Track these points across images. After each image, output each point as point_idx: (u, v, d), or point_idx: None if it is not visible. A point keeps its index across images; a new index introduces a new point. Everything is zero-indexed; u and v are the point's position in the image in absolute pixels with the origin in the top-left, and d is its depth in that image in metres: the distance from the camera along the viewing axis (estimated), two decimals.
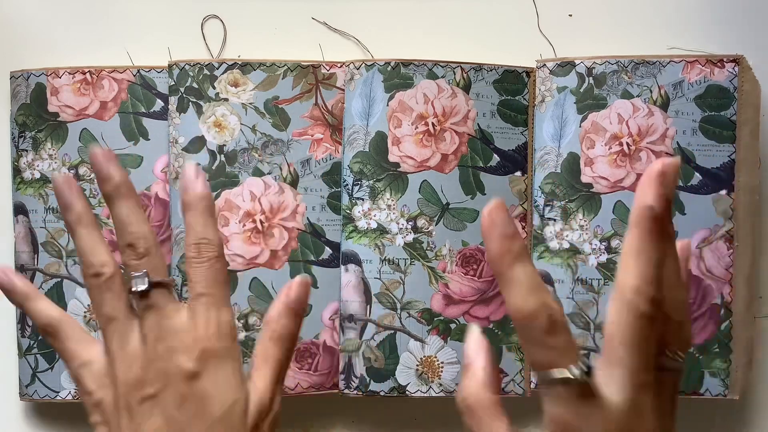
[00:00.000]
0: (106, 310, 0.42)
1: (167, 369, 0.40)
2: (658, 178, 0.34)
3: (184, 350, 0.40)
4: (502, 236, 0.34)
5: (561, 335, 0.33)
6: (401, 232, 0.62)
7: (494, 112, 0.64)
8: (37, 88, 0.64)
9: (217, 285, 0.42)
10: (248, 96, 0.63)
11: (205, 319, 0.41)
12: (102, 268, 0.42)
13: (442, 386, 0.63)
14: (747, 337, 0.62)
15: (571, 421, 0.33)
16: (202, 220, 0.42)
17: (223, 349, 0.41)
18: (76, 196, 0.43)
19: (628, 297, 0.34)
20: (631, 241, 0.34)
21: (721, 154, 0.62)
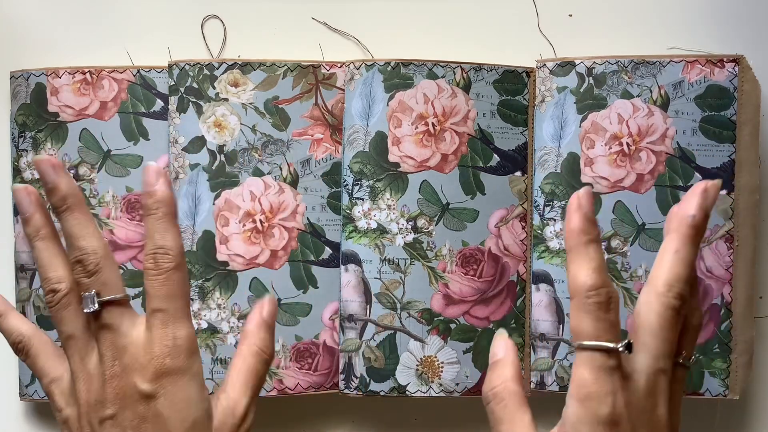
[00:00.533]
0: (64, 328, 0.41)
1: (124, 390, 0.39)
2: (702, 194, 0.38)
3: (140, 370, 0.39)
4: (585, 217, 0.37)
5: (613, 313, 0.36)
6: (401, 232, 0.62)
7: (494, 112, 0.64)
8: (37, 88, 0.64)
9: (173, 299, 0.40)
10: (248, 96, 0.63)
11: (160, 337, 0.40)
12: (58, 285, 0.41)
13: (442, 386, 0.63)
14: (747, 337, 0.62)
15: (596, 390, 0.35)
16: (161, 226, 0.40)
17: (180, 366, 0.40)
18: (35, 207, 0.42)
19: (660, 290, 0.37)
20: (670, 242, 0.38)
21: (721, 154, 0.62)
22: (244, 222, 0.63)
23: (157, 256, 0.40)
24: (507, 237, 0.64)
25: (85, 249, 0.40)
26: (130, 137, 0.64)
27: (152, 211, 0.40)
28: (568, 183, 0.62)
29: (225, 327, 0.63)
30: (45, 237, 0.42)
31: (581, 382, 0.36)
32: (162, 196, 0.40)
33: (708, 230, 0.62)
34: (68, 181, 0.41)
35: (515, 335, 0.64)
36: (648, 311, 0.37)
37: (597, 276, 0.36)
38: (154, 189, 0.40)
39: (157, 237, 0.40)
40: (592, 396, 0.35)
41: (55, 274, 0.41)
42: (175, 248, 0.40)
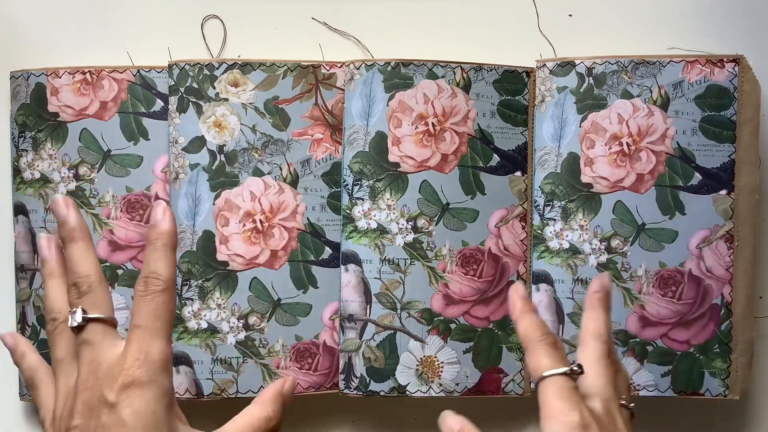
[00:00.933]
0: (56, 354, 0.45)
1: (92, 400, 0.41)
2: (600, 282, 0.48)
3: (109, 382, 0.41)
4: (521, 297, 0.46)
5: (561, 350, 0.44)
6: (401, 232, 0.62)
7: (494, 112, 0.64)
8: (37, 88, 0.64)
9: (155, 318, 0.42)
10: (248, 96, 0.63)
11: (133, 350, 0.41)
12: (57, 314, 0.45)
13: (442, 386, 0.63)
14: (747, 337, 0.62)
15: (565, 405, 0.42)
16: (157, 255, 0.44)
17: (148, 380, 0.41)
18: (54, 251, 0.47)
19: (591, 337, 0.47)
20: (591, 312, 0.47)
21: (721, 154, 0.62)
22: (244, 222, 0.63)
23: (149, 280, 0.43)
24: (507, 237, 0.64)
25: (81, 273, 0.44)
26: (130, 137, 0.64)
27: (152, 242, 0.44)
28: (568, 183, 0.62)
29: (225, 327, 0.63)
30: (57, 276, 0.47)
31: (550, 404, 0.42)
32: (162, 230, 0.44)
33: (708, 230, 0.62)
34: (77, 216, 0.46)
35: (515, 335, 0.64)
36: (586, 354, 0.45)
37: (543, 327, 0.45)
38: (162, 223, 0.44)
39: (151, 264, 0.44)
40: (562, 410, 0.41)
41: (57, 306, 0.45)
42: (166, 275, 0.44)
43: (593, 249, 0.62)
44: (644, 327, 0.62)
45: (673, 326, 0.62)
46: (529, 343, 0.44)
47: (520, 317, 0.45)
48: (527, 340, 0.44)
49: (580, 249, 0.62)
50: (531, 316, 0.45)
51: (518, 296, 0.46)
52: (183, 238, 0.62)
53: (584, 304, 0.48)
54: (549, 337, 0.44)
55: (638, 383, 0.62)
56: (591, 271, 0.62)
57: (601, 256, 0.62)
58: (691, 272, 0.62)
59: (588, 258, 0.62)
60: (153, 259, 0.44)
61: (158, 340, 0.42)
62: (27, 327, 0.64)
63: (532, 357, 0.44)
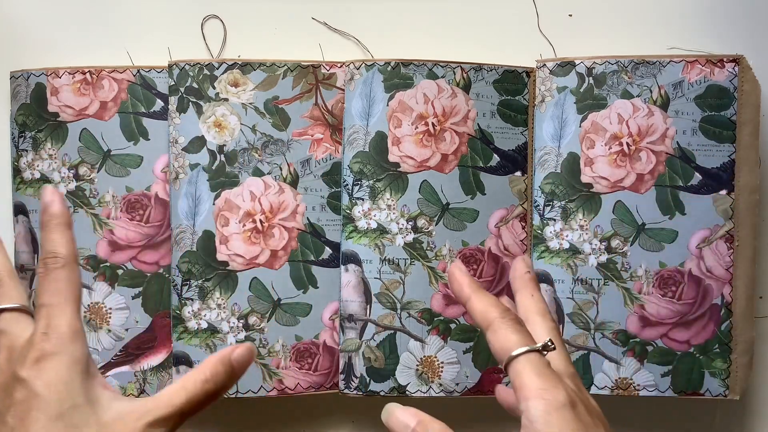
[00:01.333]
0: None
1: (6, 382, 0.41)
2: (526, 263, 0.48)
3: (21, 360, 0.41)
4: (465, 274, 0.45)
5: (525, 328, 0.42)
6: (401, 232, 0.62)
7: (494, 112, 0.64)
8: (37, 88, 0.64)
9: (57, 294, 0.42)
10: (248, 96, 0.63)
11: (41, 327, 0.41)
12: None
13: (442, 386, 0.63)
14: (747, 337, 0.62)
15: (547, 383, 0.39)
16: (52, 236, 0.44)
17: (57, 350, 0.41)
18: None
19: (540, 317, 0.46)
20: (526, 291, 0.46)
21: (721, 154, 0.62)
22: (244, 222, 0.63)
23: (47, 260, 0.43)
24: (507, 237, 0.64)
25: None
26: (130, 137, 0.64)
27: (46, 224, 0.44)
28: (568, 183, 0.62)
29: (225, 327, 0.63)
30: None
31: (530, 383, 0.39)
32: (53, 211, 0.44)
33: (708, 230, 0.62)
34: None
35: None
36: (537, 332, 0.43)
37: (501, 304, 0.42)
38: (48, 204, 0.44)
39: (48, 244, 0.44)
40: (545, 388, 0.39)
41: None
42: (64, 252, 0.43)
43: (593, 249, 0.62)
44: (644, 327, 0.62)
45: (673, 326, 0.62)
46: (491, 322, 0.41)
47: (472, 296, 0.43)
48: (487, 320, 0.42)
49: (580, 249, 0.62)
50: (484, 294, 0.43)
51: (461, 273, 0.44)
52: (183, 238, 0.62)
53: (516, 285, 0.46)
54: (510, 314, 0.42)
55: (638, 383, 0.62)
56: (591, 271, 0.62)
57: (601, 256, 0.62)
58: (691, 272, 0.62)
59: (588, 258, 0.62)
60: (49, 240, 0.43)
61: (63, 314, 0.42)
62: None
63: (498, 336, 0.41)
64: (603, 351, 0.62)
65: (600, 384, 0.62)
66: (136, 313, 0.64)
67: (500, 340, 0.41)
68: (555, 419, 0.38)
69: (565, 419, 0.38)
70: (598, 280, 0.62)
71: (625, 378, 0.62)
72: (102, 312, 0.64)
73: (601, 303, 0.62)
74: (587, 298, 0.62)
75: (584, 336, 0.62)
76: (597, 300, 0.62)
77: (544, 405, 0.38)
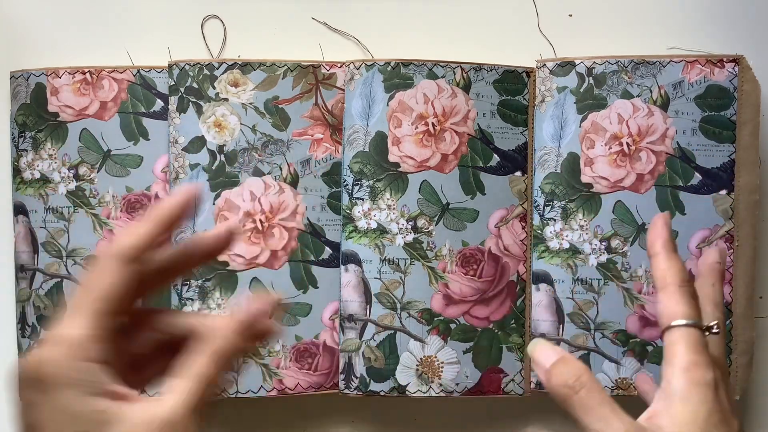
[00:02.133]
0: None
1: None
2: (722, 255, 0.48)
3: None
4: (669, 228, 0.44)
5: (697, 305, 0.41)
6: (401, 232, 0.62)
7: (494, 112, 0.64)
8: (37, 88, 0.64)
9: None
10: (248, 96, 0.63)
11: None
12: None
13: (442, 386, 0.63)
14: (747, 337, 0.62)
15: (700, 359, 0.39)
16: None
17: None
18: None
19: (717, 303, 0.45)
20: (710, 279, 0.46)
21: (721, 154, 0.62)
22: (244, 222, 0.63)
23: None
24: (507, 237, 0.64)
25: None
26: (130, 137, 0.64)
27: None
28: (568, 183, 0.62)
29: None
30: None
31: (683, 355, 0.39)
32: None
33: (708, 230, 0.62)
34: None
35: (515, 335, 0.64)
36: (711, 318, 0.43)
37: (687, 273, 0.42)
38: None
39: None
40: (698, 364, 0.39)
41: None
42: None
43: (593, 249, 0.62)
44: (644, 327, 0.62)
45: None
46: (668, 285, 0.41)
47: (662, 253, 0.42)
48: (665, 281, 0.41)
49: (580, 249, 0.62)
50: (675, 257, 0.42)
51: (665, 227, 0.43)
52: (183, 238, 0.62)
53: (702, 270, 0.46)
54: (690, 285, 0.41)
55: None
56: (591, 271, 0.62)
57: (601, 256, 0.62)
58: (691, 272, 0.62)
59: (588, 258, 0.62)
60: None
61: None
62: (27, 327, 0.64)
63: (671, 300, 0.41)
64: (603, 351, 0.62)
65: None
66: None
67: (671, 305, 0.40)
68: (695, 395, 0.38)
69: (704, 398, 0.38)
70: (598, 280, 0.62)
71: (625, 378, 0.62)
72: None
73: (601, 303, 0.62)
74: (587, 298, 0.62)
75: (584, 336, 0.62)
76: (597, 300, 0.62)
77: (689, 377, 0.38)
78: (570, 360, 0.41)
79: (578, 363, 0.41)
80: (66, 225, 0.64)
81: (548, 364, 0.41)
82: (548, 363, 0.41)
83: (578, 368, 0.40)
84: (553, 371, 0.41)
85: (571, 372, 0.40)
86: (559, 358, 0.41)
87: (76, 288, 0.34)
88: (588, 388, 0.40)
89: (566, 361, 0.41)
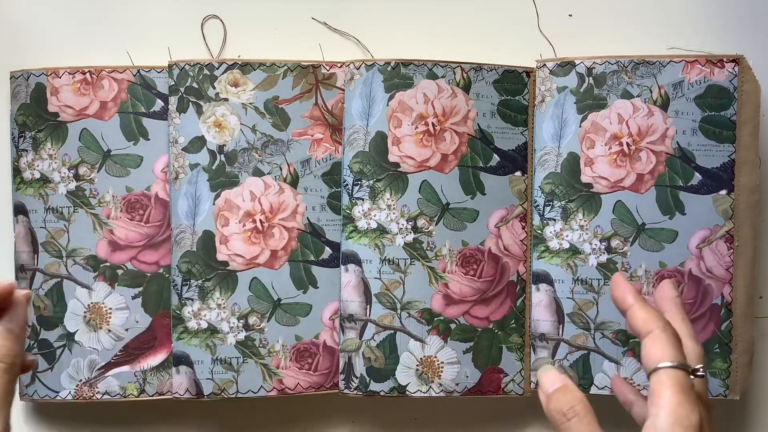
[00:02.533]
0: None
1: None
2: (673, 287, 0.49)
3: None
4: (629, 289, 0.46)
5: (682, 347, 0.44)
6: (401, 232, 0.62)
7: (494, 112, 0.64)
8: (37, 88, 0.64)
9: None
10: (248, 96, 0.63)
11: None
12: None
13: (442, 386, 0.63)
14: (747, 337, 0.62)
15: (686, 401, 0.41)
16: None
17: None
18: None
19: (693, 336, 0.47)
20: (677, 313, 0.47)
21: (721, 154, 0.62)
22: (244, 222, 0.63)
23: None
24: (507, 237, 0.64)
25: None
26: (130, 137, 0.64)
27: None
28: (568, 183, 0.62)
29: (225, 327, 0.63)
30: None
31: (669, 396, 0.41)
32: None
33: (708, 230, 0.62)
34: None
35: (515, 335, 0.64)
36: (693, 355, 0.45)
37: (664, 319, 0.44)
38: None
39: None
40: (683, 405, 0.40)
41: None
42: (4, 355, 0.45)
43: (593, 249, 0.62)
44: None
45: None
46: (651, 330, 0.43)
47: (636, 304, 0.44)
48: (648, 328, 0.43)
49: (580, 249, 0.62)
50: (648, 305, 0.44)
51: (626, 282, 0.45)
52: (183, 238, 0.62)
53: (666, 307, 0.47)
54: (672, 329, 0.43)
55: (639, 383, 0.62)
56: (591, 271, 0.62)
57: (601, 256, 0.62)
58: (691, 272, 0.62)
59: (588, 258, 0.62)
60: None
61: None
62: (27, 327, 0.64)
63: (656, 345, 0.43)
64: (603, 351, 0.62)
65: (600, 384, 0.62)
66: (136, 313, 0.64)
67: (656, 349, 0.42)
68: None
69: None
70: (598, 280, 0.62)
71: (625, 378, 0.62)
72: (102, 312, 0.64)
73: (601, 303, 0.62)
74: (587, 298, 0.62)
75: (584, 336, 0.62)
76: (597, 300, 0.62)
77: (674, 418, 0.40)
78: (570, 389, 0.44)
79: (577, 393, 0.43)
80: (66, 225, 0.64)
81: (550, 389, 0.44)
82: (550, 389, 0.44)
83: (575, 398, 0.43)
84: (552, 397, 0.44)
85: (568, 400, 0.43)
86: (562, 385, 0.44)
87: None
88: (579, 417, 0.43)
89: (566, 389, 0.44)
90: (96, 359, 0.64)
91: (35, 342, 0.64)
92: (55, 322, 0.64)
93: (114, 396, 0.64)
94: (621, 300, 0.45)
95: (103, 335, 0.64)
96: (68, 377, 0.64)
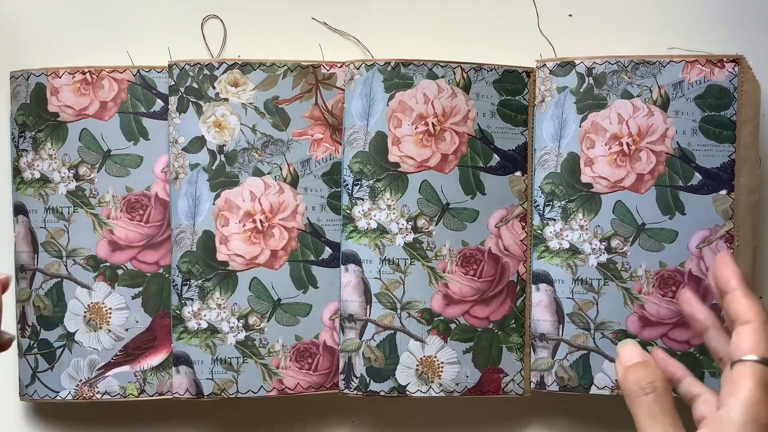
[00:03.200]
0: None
1: None
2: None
3: None
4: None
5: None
6: (401, 232, 0.62)
7: (494, 112, 0.64)
8: (37, 88, 0.64)
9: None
10: (248, 96, 0.63)
11: None
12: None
13: (442, 386, 0.63)
14: None
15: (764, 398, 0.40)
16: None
17: None
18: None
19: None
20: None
21: (721, 154, 0.62)
22: (244, 222, 0.63)
23: None
24: (507, 237, 0.64)
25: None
26: (130, 137, 0.64)
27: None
28: (568, 183, 0.62)
29: (225, 327, 0.63)
30: None
31: (751, 390, 0.40)
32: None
33: (708, 230, 0.62)
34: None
35: (515, 335, 0.64)
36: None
37: (765, 311, 0.43)
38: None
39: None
40: (762, 402, 0.40)
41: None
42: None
43: (593, 249, 0.62)
44: (644, 327, 0.62)
45: (673, 326, 0.62)
46: (751, 320, 0.42)
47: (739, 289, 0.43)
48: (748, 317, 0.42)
49: (580, 249, 0.62)
50: (754, 295, 0.43)
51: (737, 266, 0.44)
52: (183, 238, 0.62)
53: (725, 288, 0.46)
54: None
55: None
56: (591, 271, 0.62)
57: (601, 256, 0.62)
58: (691, 272, 0.62)
59: (588, 258, 0.62)
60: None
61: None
62: (27, 327, 0.64)
63: (752, 336, 0.42)
64: (603, 351, 0.62)
65: (600, 384, 0.62)
66: (136, 313, 0.64)
67: (750, 341, 0.41)
68: (751, 430, 0.40)
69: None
70: (598, 280, 0.62)
71: None
72: (102, 312, 0.64)
73: (601, 303, 0.62)
74: (587, 298, 0.62)
75: (584, 336, 0.62)
76: (597, 300, 0.62)
77: (750, 414, 0.40)
78: (652, 366, 0.44)
79: (659, 372, 0.43)
80: (66, 225, 0.64)
81: (629, 362, 0.44)
82: (629, 362, 0.44)
83: (656, 375, 0.43)
84: (631, 369, 0.43)
85: (649, 374, 0.43)
86: (642, 360, 0.44)
87: None
88: (657, 395, 0.42)
89: (647, 365, 0.44)
90: (96, 359, 0.64)
91: (35, 342, 0.64)
92: (55, 322, 0.64)
93: (114, 396, 0.64)
94: (724, 282, 0.44)
95: (103, 335, 0.64)
96: (68, 377, 0.64)
